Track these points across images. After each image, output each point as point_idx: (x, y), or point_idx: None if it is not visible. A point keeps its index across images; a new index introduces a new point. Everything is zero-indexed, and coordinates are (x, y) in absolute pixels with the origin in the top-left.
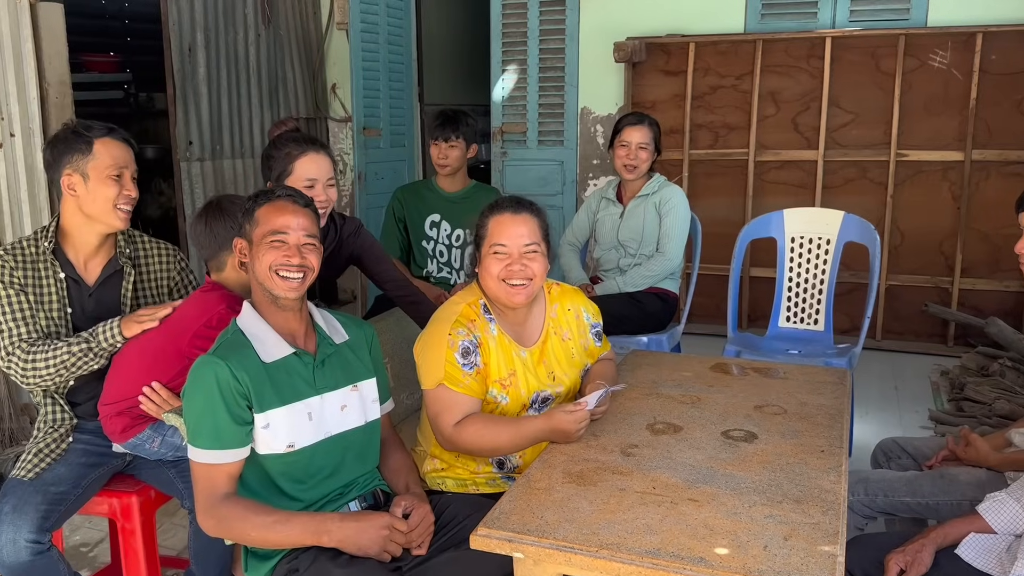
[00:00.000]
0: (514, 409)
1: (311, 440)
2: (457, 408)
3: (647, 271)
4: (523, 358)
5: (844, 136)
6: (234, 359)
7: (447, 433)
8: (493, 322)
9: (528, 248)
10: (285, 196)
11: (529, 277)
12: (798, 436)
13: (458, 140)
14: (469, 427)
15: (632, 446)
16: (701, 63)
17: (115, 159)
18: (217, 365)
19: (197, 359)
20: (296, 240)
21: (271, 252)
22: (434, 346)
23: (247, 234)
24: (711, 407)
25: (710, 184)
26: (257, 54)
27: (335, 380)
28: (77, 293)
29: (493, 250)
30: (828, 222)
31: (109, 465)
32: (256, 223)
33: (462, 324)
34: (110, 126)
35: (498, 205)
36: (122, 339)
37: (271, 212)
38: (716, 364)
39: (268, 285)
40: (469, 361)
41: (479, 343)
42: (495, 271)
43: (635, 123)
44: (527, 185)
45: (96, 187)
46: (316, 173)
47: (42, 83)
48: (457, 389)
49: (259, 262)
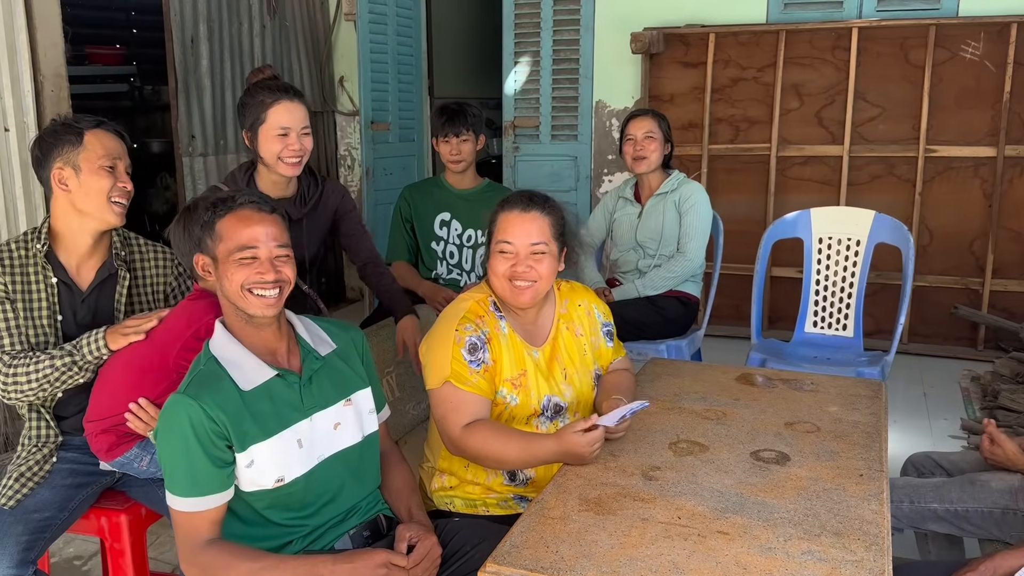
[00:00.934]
0: (524, 412)
1: (303, 469)
2: (465, 408)
3: (668, 273)
4: (535, 359)
5: (871, 131)
6: (208, 396)
7: (454, 435)
8: (503, 320)
9: (535, 248)
10: (248, 203)
11: (534, 279)
12: (834, 457)
13: (469, 134)
14: (477, 432)
15: (654, 468)
16: (721, 54)
17: (107, 149)
18: (190, 406)
19: (169, 398)
20: (268, 253)
21: (241, 270)
22: (440, 343)
23: (209, 250)
24: (738, 424)
25: (730, 180)
26: (262, 46)
27: (325, 397)
28: (69, 299)
29: (499, 248)
30: (858, 222)
31: (98, 483)
32: (219, 238)
33: (470, 320)
34: (100, 119)
35: (509, 201)
36: (108, 351)
37: (235, 224)
38: (742, 375)
39: (241, 305)
40: (476, 358)
41: (488, 339)
42: (500, 269)
43: (638, 115)
44: (540, 181)
45: (89, 179)
46: (290, 121)
47: (37, 75)
48: (464, 387)
49: (228, 281)
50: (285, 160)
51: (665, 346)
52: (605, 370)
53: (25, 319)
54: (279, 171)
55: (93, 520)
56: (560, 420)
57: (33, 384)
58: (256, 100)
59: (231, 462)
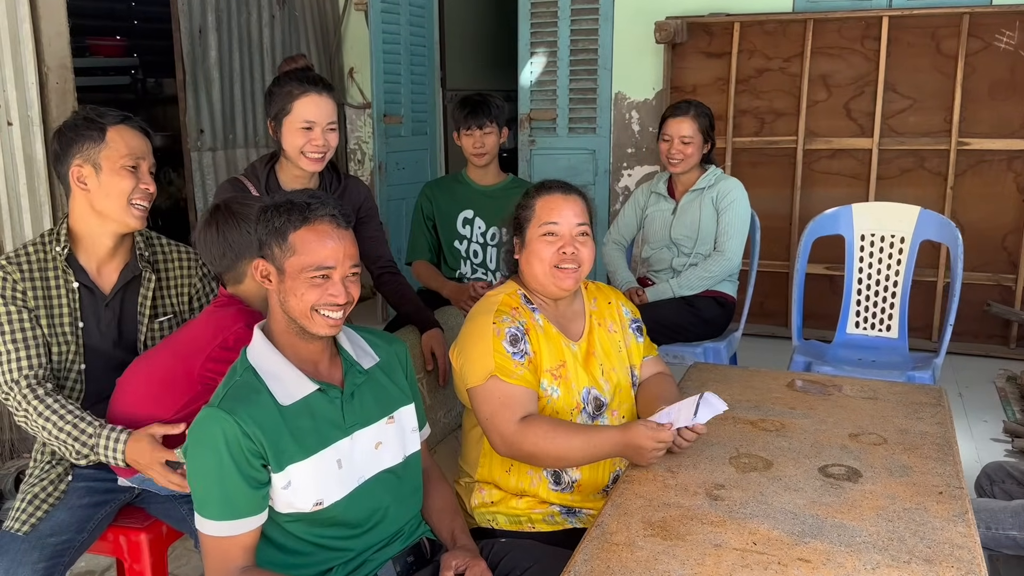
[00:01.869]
0: (567, 405)
1: (342, 492)
2: (515, 402)
3: (705, 272)
4: (573, 351)
5: (901, 123)
6: (244, 411)
7: (508, 432)
8: (537, 312)
9: (580, 229)
10: (326, 216)
11: (579, 262)
12: (907, 473)
13: (493, 125)
14: (536, 427)
15: (718, 486)
16: (747, 44)
17: (131, 148)
18: (224, 421)
19: (201, 411)
20: (342, 274)
21: (313, 291)
22: (478, 338)
23: (275, 259)
24: (799, 436)
25: (755, 174)
26: (271, 36)
27: (367, 414)
28: (91, 303)
29: (542, 231)
30: (902, 218)
31: (116, 500)
32: (291, 250)
33: (504, 312)
34: (125, 113)
35: (544, 186)
36: (124, 464)
37: (311, 240)
38: (791, 381)
39: (305, 323)
40: (519, 349)
41: (525, 330)
42: (546, 255)
43: (678, 114)
44: (556, 175)
45: (109, 179)
46: (315, 116)
47: (41, 67)
48: (511, 381)
49: (295, 298)
50: (307, 155)
51: (703, 349)
52: (638, 367)
53: (47, 327)
54: (300, 165)
55: (111, 539)
56: (600, 419)
57: (41, 432)
58: (284, 90)
59: (267, 482)
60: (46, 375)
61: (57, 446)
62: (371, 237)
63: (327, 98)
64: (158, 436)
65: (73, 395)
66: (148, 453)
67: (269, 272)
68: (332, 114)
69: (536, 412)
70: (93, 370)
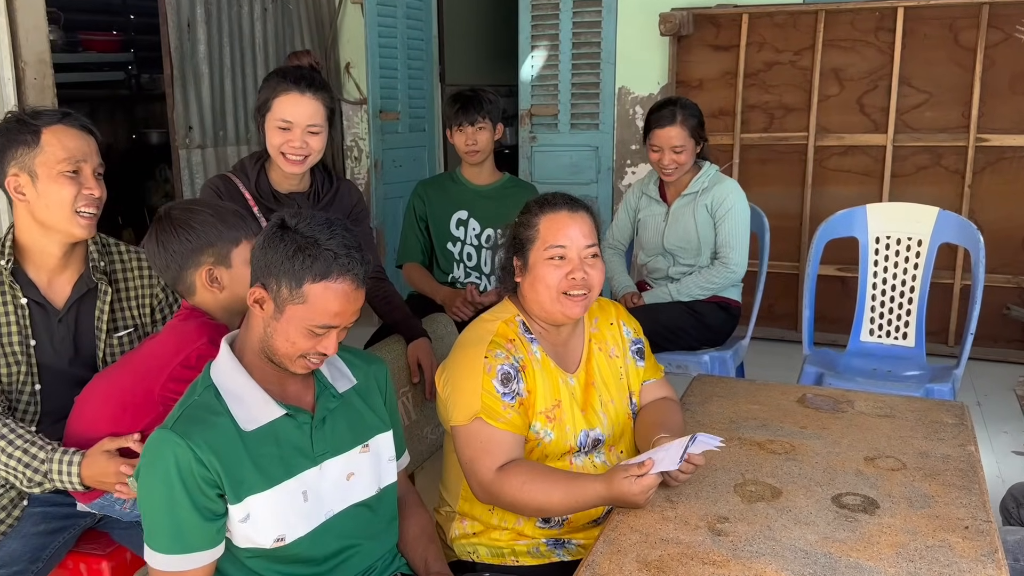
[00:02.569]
0: (559, 449)
1: (307, 527)
2: (498, 448)
3: (706, 282)
4: (571, 386)
5: (916, 118)
6: (199, 435)
7: (486, 481)
8: (535, 342)
9: (590, 250)
10: (349, 275)
11: (589, 287)
12: (929, 503)
13: (485, 121)
14: (514, 476)
15: (722, 519)
16: (755, 37)
17: (69, 151)
18: (176, 445)
19: (153, 432)
20: (342, 325)
21: (309, 341)
22: (467, 372)
23: (278, 295)
24: (810, 459)
25: (764, 172)
26: (264, 30)
27: (339, 442)
28: (43, 320)
29: (548, 255)
30: (920, 220)
31: (76, 526)
32: (301, 298)
33: (499, 345)
34: (65, 111)
35: (548, 202)
36: (82, 487)
37: (328, 299)
38: (802, 396)
39: (285, 364)
40: (510, 389)
41: (521, 367)
42: (553, 280)
43: (665, 123)
44: (558, 173)
45: (48, 187)
46: (293, 115)
47: (18, 62)
48: (497, 424)
49: (285, 342)
50: (286, 156)
51: (708, 357)
52: (636, 394)
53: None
54: (280, 165)
55: (71, 567)
56: (596, 455)
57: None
58: (268, 84)
59: (222, 514)
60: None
61: (7, 475)
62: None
63: (311, 98)
64: (113, 450)
65: (27, 417)
66: (107, 469)
67: (264, 301)
68: (315, 116)
69: (520, 457)
70: (50, 389)
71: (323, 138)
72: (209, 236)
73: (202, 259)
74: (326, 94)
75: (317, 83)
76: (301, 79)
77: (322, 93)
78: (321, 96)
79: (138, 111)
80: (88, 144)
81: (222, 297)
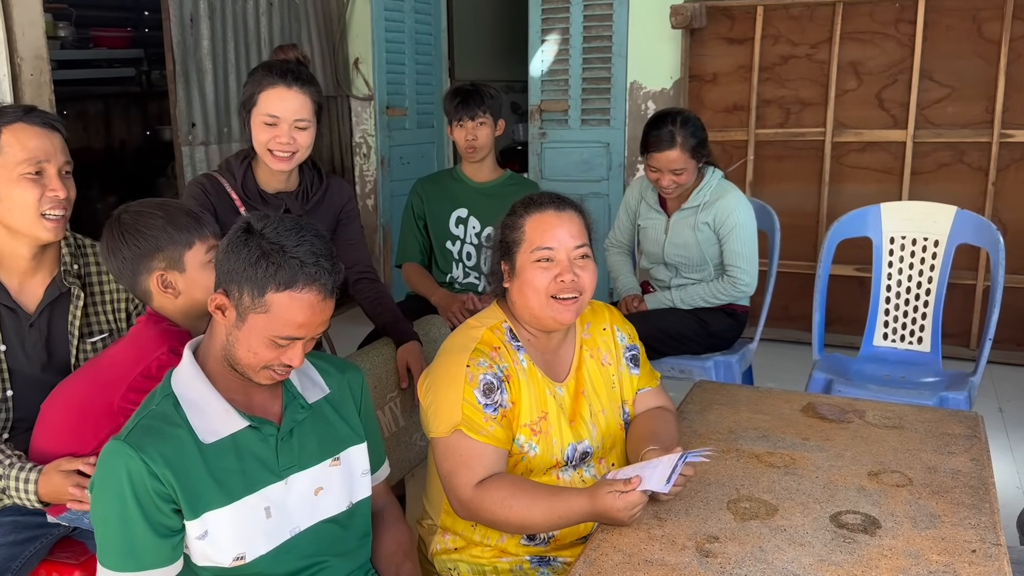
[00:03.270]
0: (544, 464)
1: (270, 545)
2: (478, 463)
3: (711, 296)
4: (559, 397)
5: (938, 114)
6: (153, 447)
7: (464, 496)
8: (522, 351)
9: (580, 252)
10: (316, 285)
11: (580, 290)
12: (934, 523)
13: (486, 116)
14: (493, 491)
15: (711, 539)
16: (771, 29)
17: (29, 151)
18: (128, 457)
19: (107, 443)
20: (308, 335)
21: (270, 352)
22: (447, 381)
23: (240, 303)
24: (811, 474)
25: (780, 168)
26: (269, 25)
27: (307, 455)
28: (14, 325)
29: (535, 257)
30: (936, 219)
31: (50, 535)
32: (263, 307)
33: (483, 353)
34: (28, 107)
35: (535, 201)
36: (40, 504)
37: (293, 310)
38: (807, 405)
39: (248, 374)
40: (492, 401)
41: (506, 376)
42: (542, 284)
43: (664, 147)
44: (568, 169)
45: (9, 191)
46: (279, 110)
47: (14, 58)
48: (477, 437)
49: (247, 352)
50: (274, 152)
51: (713, 363)
52: (630, 403)
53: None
54: (267, 163)
55: None
56: (585, 469)
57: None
58: (254, 79)
59: (178, 530)
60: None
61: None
62: (350, 240)
63: (297, 92)
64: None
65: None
66: (61, 487)
67: (226, 308)
68: (302, 111)
69: (502, 471)
70: (22, 396)
71: (311, 134)
72: (158, 240)
73: (152, 264)
74: (313, 88)
75: (304, 77)
76: (287, 72)
77: (309, 87)
78: (308, 90)
79: (150, 108)
80: (51, 142)
81: (179, 303)
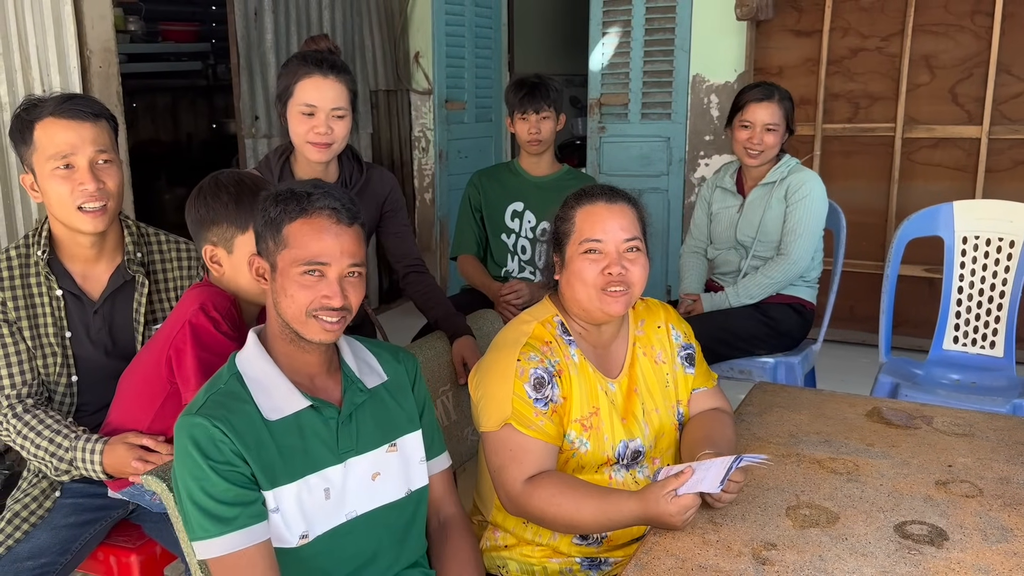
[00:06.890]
0: (596, 460)
1: (328, 525)
2: (528, 458)
3: (765, 279)
4: (611, 393)
5: (1015, 109)
6: (224, 419)
7: (513, 492)
8: (573, 345)
9: (629, 244)
10: (326, 208)
11: (629, 283)
12: (1006, 537)
13: (550, 110)
14: (543, 488)
15: (769, 546)
16: (839, 21)
17: (57, 146)
18: (197, 427)
19: (177, 420)
20: (338, 272)
21: (305, 291)
22: (497, 375)
23: (268, 253)
24: (875, 481)
25: (847, 165)
26: (332, 19)
27: (366, 439)
28: (79, 311)
29: (584, 248)
30: (1012, 219)
31: (108, 518)
32: (284, 243)
33: (534, 348)
34: (66, 96)
35: (586, 193)
36: (104, 475)
37: (306, 233)
38: (872, 409)
39: (298, 328)
40: (543, 395)
41: (557, 371)
42: (589, 276)
43: (761, 99)
44: (628, 164)
45: (46, 187)
46: (317, 99)
47: (83, 51)
48: (528, 432)
49: (288, 299)
50: (311, 143)
51: (774, 363)
52: (684, 403)
53: (32, 339)
54: (305, 154)
55: (102, 559)
56: (639, 470)
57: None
58: (288, 70)
59: (257, 488)
60: (30, 391)
61: (38, 464)
62: (396, 233)
63: (334, 81)
64: (133, 443)
65: (64, 407)
66: (125, 459)
67: (264, 269)
68: (339, 99)
69: (552, 468)
70: (87, 381)
71: (347, 123)
72: (217, 214)
73: (207, 235)
74: (348, 77)
75: (339, 66)
76: (323, 61)
77: (344, 76)
78: (344, 79)
79: (216, 101)
80: (79, 134)
81: (225, 283)
